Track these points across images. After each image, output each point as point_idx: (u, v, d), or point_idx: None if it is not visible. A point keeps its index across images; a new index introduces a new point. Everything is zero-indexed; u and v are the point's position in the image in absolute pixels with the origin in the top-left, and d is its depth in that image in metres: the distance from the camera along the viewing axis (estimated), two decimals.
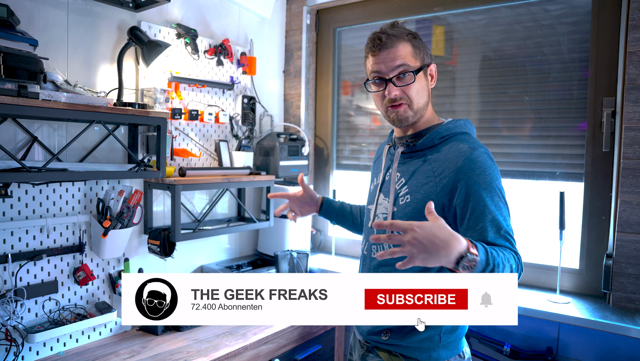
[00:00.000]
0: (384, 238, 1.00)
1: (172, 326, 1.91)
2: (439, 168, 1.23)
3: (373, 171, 1.52)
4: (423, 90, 1.29)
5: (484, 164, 1.19)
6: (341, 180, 2.63)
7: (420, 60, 1.28)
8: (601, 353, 1.73)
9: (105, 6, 1.75)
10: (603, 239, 1.86)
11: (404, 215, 1.27)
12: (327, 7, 2.56)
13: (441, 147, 1.27)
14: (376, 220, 1.34)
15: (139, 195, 1.79)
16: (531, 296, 1.89)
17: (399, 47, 1.26)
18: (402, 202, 1.29)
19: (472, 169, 1.18)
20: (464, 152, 1.21)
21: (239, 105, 2.30)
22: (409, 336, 1.28)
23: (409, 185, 1.28)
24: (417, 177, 1.28)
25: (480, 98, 2.15)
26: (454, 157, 1.22)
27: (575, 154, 1.93)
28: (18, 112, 1.32)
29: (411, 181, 1.28)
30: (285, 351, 1.99)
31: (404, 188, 1.30)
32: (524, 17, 2.02)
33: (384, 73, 1.26)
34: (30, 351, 1.59)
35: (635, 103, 1.68)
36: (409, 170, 1.31)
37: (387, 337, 1.32)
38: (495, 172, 1.21)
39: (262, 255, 2.42)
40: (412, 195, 1.27)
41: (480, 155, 1.20)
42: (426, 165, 1.27)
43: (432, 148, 1.28)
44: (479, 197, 1.17)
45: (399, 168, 1.33)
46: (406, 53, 1.26)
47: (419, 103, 1.28)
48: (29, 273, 1.59)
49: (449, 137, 1.28)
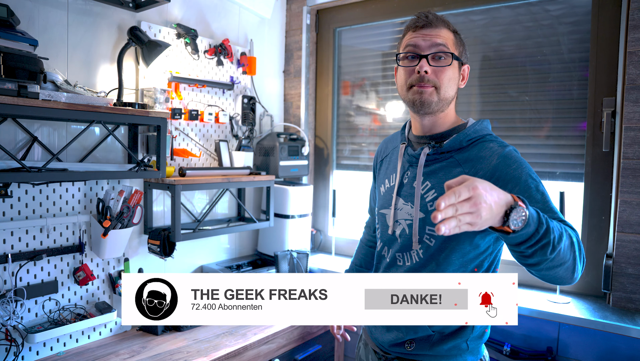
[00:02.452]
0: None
1: (172, 326, 1.91)
2: (471, 169, 1.16)
3: (381, 170, 1.42)
4: (454, 81, 1.20)
5: (518, 159, 1.14)
6: (341, 180, 2.63)
7: (459, 52, 1.22)
8: (601, 353, 1.73)
9: (105, 6, 1.75)
10: (603, 239, 1.86)
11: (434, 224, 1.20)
12: (327, 7, 2.55)
13: (470, 148, 1.20)
14: (397, 226, 1.28)
15: (139, 195, 1.79)
16: (531, 296, 1.89)
17: (443, 30, 1.19)
18: (432, 207, 1.20)
19: (508, 165, 1.13)
20: (496, 151, 1.15)
21: (239, 105, 2.31)
22: (437, 346, 1.24)
23: (437, 189, 1.21)
24: (445, 179, 1.19)
25: (480, 98, 2.15)
26: (487, 156, 1.16)
27: (575, 154, 1.93)
28: (18, 112, 1.32)
29: (439, 185, 1.20)
30: (285, 351, 1.99)
31: (431, 192, 1.22)
32: (524, 17, 2.02)
33: (420, 48, 1.18)
34: (30, 351, 1.59)
35: (635, 103, 1.68)
36: (434, 173, 1.22)
37: (412, 348, 1.26)
38: (530, 166, 1.15)
39: (262, 255, 2.42)
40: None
41: (512, 152, 1.16)
42: (455, 167, 1.19)
43: (459, 150, 1.21)
44: (525, 183, 1.09)
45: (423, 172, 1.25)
46: (448, 37, 1.19)
47: (446, 92, 1.19)
48: (29, 273, 1.59)
49: (477, 140, 1.21)
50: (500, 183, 1.11)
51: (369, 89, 2.51)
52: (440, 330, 1.23)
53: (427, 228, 1.21)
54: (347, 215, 2.57)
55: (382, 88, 2.47)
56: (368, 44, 2.50)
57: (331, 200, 2.54)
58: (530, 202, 1.07)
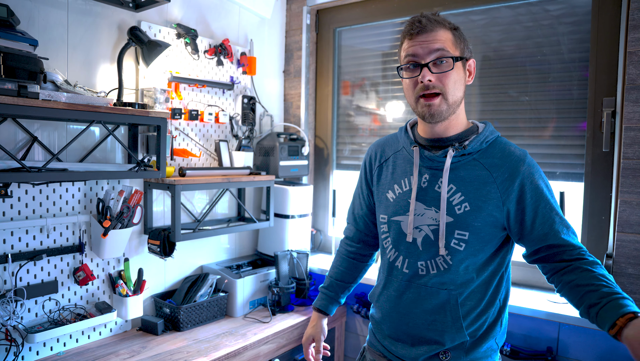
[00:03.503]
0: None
1: (172, 326, 1.91)
2: (498, 173, 1.19)
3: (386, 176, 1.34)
4: (460, 82, 1.18)
5: (536, 166, 1.22)
6: (341, 180, 2.63)
7: (460, 50, 1.18)
8: (601, 353, 1.73)
9: (105, 6, 1.75)
10: (603, 239, 1.86)
11: (463, 226, 1.18)
12: (327, 7, 2.55)
13: (489, 151, 1.22)
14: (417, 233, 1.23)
15: (139, 195, 1.79)
16: (531, 296, 1.89)
17: (439, 32, 1.15)
18: (460, 210, 1.18)
19: (532, 173, 1.19)
20: (520, 157, 1.21)
21: (239, 105, 2.31)
22: (472, 350, 1.24)
23: (464, 192, 1.19)
24: (471, 182, 1.19)
25: (480, 98, 2.15)
26: (513, 162, 1.20)
27: (575, 154, 1.93)
28: (18, 112, 1.32)
29: (465, 187, 1.19)
30: (285, 351, 1.99)
31: (457, 195, 1.19)
32: (524, 17, 2.02)
33: (420, 57, 1.15)
34: (30, 351, 1.59)
35: (635, 103, 1.68)
36: (460, 177, 1.20)
37: (448, 357, 1.24)
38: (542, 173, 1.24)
39: (262, 255, 2.42)
40: (470, 202, 1.18)
41: (531, 158, 1.23)
42: (480, 169, 1.20)
43: (479, 152, 1.22)
44: (546, 200, 1.19)
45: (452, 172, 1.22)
46: (446, 39, 1.16)
47: (454, 96, 1.17)
48: (29, 273, 1.60)
49: (493, 141, 1.25)
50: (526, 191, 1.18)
51: (369, 89, 2.51)
52: (472, 334, 1.23)
53: (457, 233, 1.19)
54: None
55: (382, 88, 2.47)
56: (368, 44, 2.50)
57: (331, 200, 2.54)
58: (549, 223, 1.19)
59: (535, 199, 1.19)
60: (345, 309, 2.36)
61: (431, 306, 1.23)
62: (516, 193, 1.18)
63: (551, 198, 1.20)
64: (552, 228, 1.19)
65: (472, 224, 1.18)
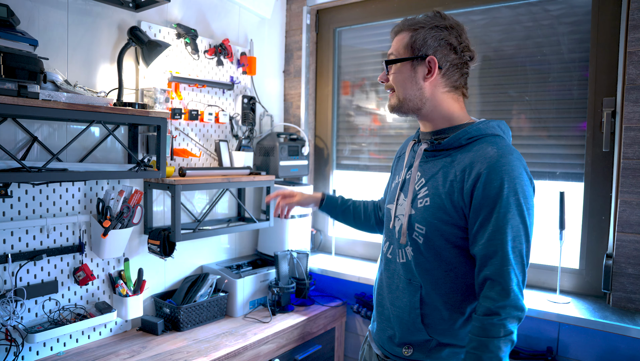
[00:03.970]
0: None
1: (172, 326, 1.91)
2: (461, 172, 1.15)
3: (396, 168, 1.43)
4: (407, 81, 1.23)
5: (508, 174, 1.10)
6: (341, 180, 2.63)
7: (415, 50, 1.21)
8: (601, 353, 1.74)
9: (105, 6, 1.75)
10: (603, 239, 1.86)
11: (421, 220, 1.20)
12: (327, 7, 2.55)
13: (469, 148, 1.18)
14: (397, 222, 1.29)
15: (139, 195, 1.79)
16: (531, 296, 1.89)
17: (398, 37, 1.26)
18: (421, 204, 1.21)
19: (490, 180, 1.10)
20: (489, 157, 1.12)
21: (239, 105, 2.30)
22: (435, 353, 1.21)
23: (429, 187, 1.21)
24: (438, 178, 1.20)
25: (480, 98, 2.15)
26: (477, 161, 1.13)
27: (575, 154, 1.93)
28: (18, 112, 1.32)
29: (431, 182, 1.21)
30: (285, 351, 1.99)
31: (423, 189, 1.22)
32: (524, 17, 2.02)
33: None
34: (30, 351, 1.59)
35: (635, 103, 1.68)
36: (430, 170, 1.23)
37: (410, 353, 1.24)
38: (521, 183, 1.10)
39: (262, 255, 2.42)
40: (431, 198, 1.19)
41: (507, 163, 1.10)
42: (449, 166, 1.19)
43: (459, 148, 1.20)
44: (498, 218, 1.09)
45: (421, 167, 1.26)
46: (400, 44, 1.24)
47: (402, 94, 1.25)
48: (29, 273, 1.60)
49: (479, 138, 1.19)
50: (478, 198, 1.11)
51: (369, 89, 2.51)
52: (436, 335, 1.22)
53: (416, 226, 1.21)
54: None
55: (382, 88, 2.46)
56: (368, 44, 2.50)
57: None
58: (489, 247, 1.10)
59: (484, 211, 1.10)
60: (345, 309, 2.36)
61: (398, 293, 1.27)
62: (469, 196, 1.13)
63: (506, 219, 1.08)
64: (486, 253, 1.10)
65: (428, 220, 1.19)
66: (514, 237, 1.10)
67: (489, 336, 1.07)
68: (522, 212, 1.10)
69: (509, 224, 1.09)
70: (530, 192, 1.13)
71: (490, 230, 1.10)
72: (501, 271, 1.08)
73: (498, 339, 1.06)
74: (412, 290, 1.23)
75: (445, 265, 1.20)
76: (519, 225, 1.10)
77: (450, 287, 1.20)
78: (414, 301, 1.22)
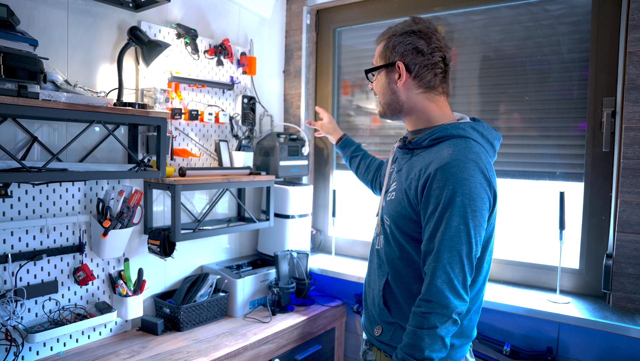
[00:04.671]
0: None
1: (172, 326, 1.91)
2: (419, 171, 1.21)
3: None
4: (384, 87, 1.34)
5: (455, 176, 1.12)
6: (341, 180, 2.63)
7: (386, 58, 1.32)
8: (601, 353, 1.74)
9: (105, 6, 1.75)
10: (603, 239, 1.86)
11: (387, 212, 1.31)
12: (327, 7, 2.55)
13: (433, 148, 1.24)
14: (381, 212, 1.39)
15: (139, 195, 1.79)
16: (531, 296, 1.89)
17: (378, 47, 1.36)
18: (389, 198, 1.33)
19: (437, 180, 1.14)
20: (441, 159, 1.16)
21: (239, 105, 2.31)
22: (396, 336, 1.27)
23: (397, 182, 1.31)
24: (402, 174, 1.30)
25: (480, 98, 2.15)
26: (432, 162, 1.18)
27: (575, 154, 1.93)
28: (18, 112, 1.32)
29: (399, 178, 1.31)
30: (285, 351, 1.99)
31: (393, 184, 1.34)
32: (524, 17, 2.02)
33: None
34: (30, 351, 1.59)
35: (635, 103, 1.68)
36: (400, 167, 1.34)
37: (379, 332, 1.31)
38: (468, 186, 1.12)
39: (262, 255, 2.42)
40: (396, 193, 1.30)
41: (456, 165, 1.13)
42: (413, 165, 1.27)
43: (426, 148, 1.27)
44: (438, 217, 1.14)
45: (397, 163, 1.37)
46: (377, 54, 1.35)
47: (382, 100, 1.36)
48: (29, 273, 1.60)
49: (445, 139, 1.23)
50: (425, 197, 1.17)
51: (368, 89, 2.51)
52: (399, 321, 1.28)
53: (385, 217, 1.33)
54: (347, 215, 2.57)
55: None
56: (368, 44, 2.50)
57: (331, 200, 2.54)
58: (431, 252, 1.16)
59: (427, 205, 1.17)
60: (345, 309, 2.36)
61: (373, 277, 1.38)
62: (422, 195, 1.19)
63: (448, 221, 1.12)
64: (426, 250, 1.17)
65: (391, 213, 1.29)
66: (451, 237, 1.12)
67: (415, 326, 1.14)
68: (465, 214, 1.12)
69: (447, 224, 1.12)
70: (478, 194, 1.13)
71: (431, 228, 1.16)
72: (433, 269, 1.14)
73: (421, 330, 1.12)
74: (381, 274, 1.34)
75: (406, 256, 1.27)
76: (460, 225, 1.12)
77: (410, 278, 1.27)
78: (381, 285, 1.32)
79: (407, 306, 1.27)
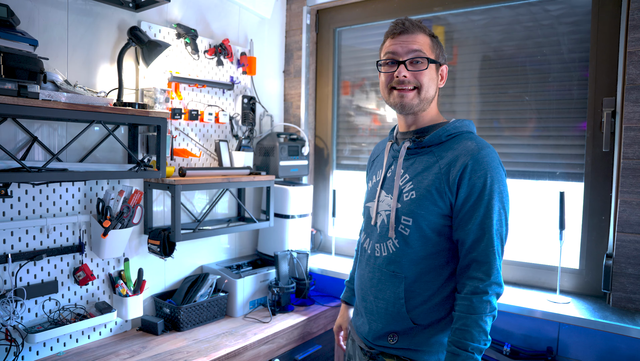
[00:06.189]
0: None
1: (172, 326, 1.91)
2: (447, 165, 1.24)
3: (371, 169, 1.52)
4: (433, 82, 1.31)
5: (489, 165, 1.21)
6: (341, 180, 2.63)
7: (436, 55, 1.31)
8: (601, 353, 1.73)
9: (105, 6, 1.75)
10: (603, 239, 1.86)
11: (408, 212, 1.27)
12: (327, 7, 2.55)
13: (448, 144, 1.28)
14: (378, 218, 1.36)
15: (139, 195, 1.79)
16: (531, 296, 1.89)
17: (419, 35, 1.28)
18: (407, 198, 1.28)
19: (475, 170, 1.20)
20: (471, 151, 1.22)
21: (239, 105, 2.30)
22: (418, 338, 1.28)
23: (414, 181, 1.28)
24: (422, 172, 1.28)
25: (480, 98, 2.15)
26: (462, 153, 1.23)
27: (575, 154, 1.93)
28: (18, 112, 1.32)
29: (416, 177, 1.28)
30: (285, 351, 1.99)
31: (408, 184, 1.29)
32: (524, 17, 2.02)
33: (398, 55, 1.28)
34: (30, 351, 1.59)
35: (635, 103, 1.68)
36: (414, 167, 1.30)
37: (395, 341, 1.29)
38: (499, 175, 1.22)
39: (262, 255, 2.42)
40: (417, 191, 1.27)
41: (487, 155, 1.22)
42: (432, 161, 1.27)
43: (439, 145, 1.29)
44: (484, 205, 1.20)
45: (403, 164, 1.33)
46: (424, 42, 1.28)
47: (427, 93, 1.30)
48: (29, 273, 1.60)
49: (456, 135, 1.29)
50: (464, 187, 1.20)
51: (369, 89, 2.51)
52: (419, 322, 1.28)
53: (403, 218, 1.28)
54: (347, 215, 2.57)
55: None
56: (368, 44, 2.50)
57: (331, 200, 2.54)
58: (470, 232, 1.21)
59: (466, 198, 1.21)
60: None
61: (381, 286, 1.33)
62: (455, 186, 1.22)
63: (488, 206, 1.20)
64: (475, 237, 1.21)
65: (416, 211, 1.26)
66: (497, 221, 1.21)
67: (477, 313, 1.17)
68: (503, 199, 1.22)
69: (494, 210, 1.20)
70: (506, 181, 1.25)
71: (479, 216, 1.20)
72: (487, 253, 1.20)
73: (485, 315, 1.17)
74: (397, 282, 1.29)
75: (430, 253, 1.27)
76: (501, 210, 1.22)
77: (434, 274, 1.27)
78: (398, 292, 1.28)
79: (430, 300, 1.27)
